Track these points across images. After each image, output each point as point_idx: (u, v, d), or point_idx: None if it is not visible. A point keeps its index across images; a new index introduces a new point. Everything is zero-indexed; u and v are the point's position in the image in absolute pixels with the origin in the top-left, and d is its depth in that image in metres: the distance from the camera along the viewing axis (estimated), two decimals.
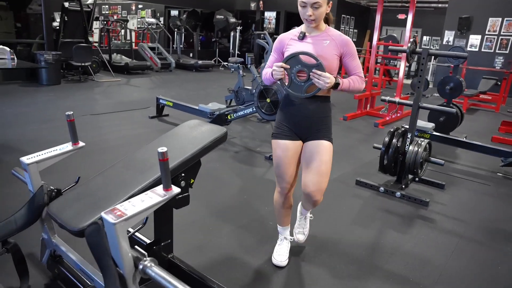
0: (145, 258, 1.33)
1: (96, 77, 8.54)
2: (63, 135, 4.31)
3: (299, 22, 2.04)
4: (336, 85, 1.88)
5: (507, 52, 10.69)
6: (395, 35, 11.24)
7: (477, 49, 11.24)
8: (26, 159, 1.71)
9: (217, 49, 12.67)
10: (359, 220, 2.91)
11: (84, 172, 3.05)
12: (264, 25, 12.78)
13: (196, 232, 2.57)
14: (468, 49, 11.24)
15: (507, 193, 3.68)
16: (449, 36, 11.53)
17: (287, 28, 12.42)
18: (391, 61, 12.02)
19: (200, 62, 11.10)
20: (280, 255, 2.25)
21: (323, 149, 1.98)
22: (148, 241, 1.87)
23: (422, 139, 3.50)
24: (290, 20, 12.57)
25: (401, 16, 14.74)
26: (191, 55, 12.17)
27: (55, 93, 6.78)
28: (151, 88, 8.12)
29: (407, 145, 3.46)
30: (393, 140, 3.49)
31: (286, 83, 1.91)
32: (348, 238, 2.63)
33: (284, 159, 2.04)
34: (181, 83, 8.86)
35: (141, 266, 1.32)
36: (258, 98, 4.18)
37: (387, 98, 3.86)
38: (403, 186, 3.52)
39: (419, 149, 3.40)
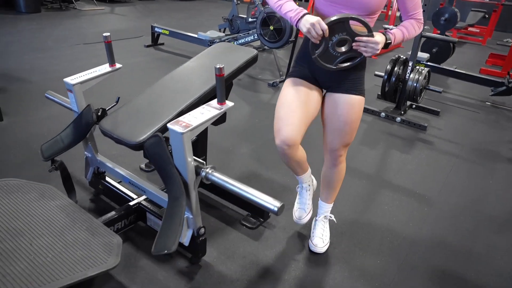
0: (206, 166, 1.48)
1: (78, 5, 8.11)
2: (65, 64, 4.27)
3: None
4: (387, 45, 1.48)
5: None
6: None
7: None
8: (70, 80, 1.76)
9: None
10: (366, 141, 3.13)
11: (110, 95, 3.09)
12: None
13: (218, 152, 2.73)
14: None
15: (495, 119, 3.94)
16: None
17: None
18: None
19: None
20: (299, 208, 1.84)
21: (351, 107, 1.57)
22: None
23: (422, 68, 3.64)
24: None
25: None
26: None
27: (37, 22, 6.46)
28: (138, 17, 7.80)
29: (408, 73, 3.60)
30: (395, 68, 3.62)
31: (317, 51, 1.42)
32: (358, 157, 2.85)
33: (291, 98, 1.54)
34: (168, 12, 8.53)
35: (203, 173, 1.46)
36: (261, 26, 4.15)
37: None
38: (402, 112, 3.72)
39: (420, 77, 3.55)
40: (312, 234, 1.93)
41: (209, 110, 1.50)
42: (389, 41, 1.48)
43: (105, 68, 1.88)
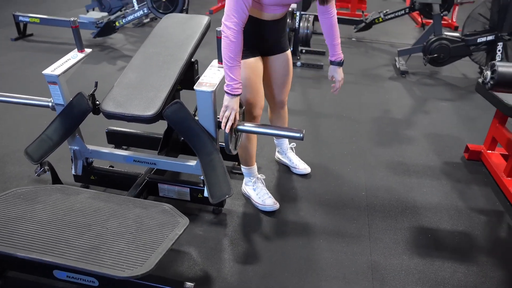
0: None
1: None
2: None
3: None
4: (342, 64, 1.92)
5: None
6: None
7: None
8: (52, 72, 1.70)
9: None
10: None
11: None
12: None
13: None
14: None
15: (364, 50, 4.83)
16: None
17: None
18: None
19: None
20: (269, 197, 2.01)
21: (289, 59, 1.93)
22: None
23: (308, 15, 4.20)
24: None
25: None
26: None
27: None
28: None
29: (297, 22, 4.11)
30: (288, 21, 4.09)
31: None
32: None
33: (256, 79, 1.78)
34: None
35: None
36: None
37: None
38: (298, 57, 4.27)
39: (308, 24, 4.10)
40: (293, 164, 2.32)
41: (218, 70, 1.68)
42: (342, 61, 1.91)
43: (77, 54, 1.84)
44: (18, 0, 7.10)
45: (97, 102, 1.79)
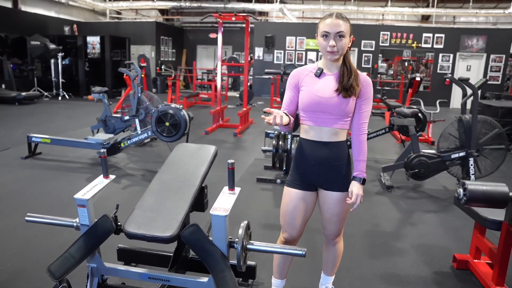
0: (235, 239, 1.88)
1: None
2: None
3: (121, 46, 2.07)
4: (364, 182, 1.90)
5: (303, 63, 13.53)
6: (235, 56, 12.73)
7: (281, 61, 13.82)
8: (82, 196, 1.94)
9: (35, 78, 11.57)
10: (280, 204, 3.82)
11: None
12: (88, 50, 12.36)
13: None
14: (275, 62, 13.72)
15: None
16: (259, 52, 13.75)
17: (115, 52, 12.38)
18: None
19: (23, 93, 10.03)
20: None
21: (340, 203, 1.94)
22: None
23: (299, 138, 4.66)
24: (115, 44, 12.54)
25: (212, 35, 16.48)
26: (3, 86, 10.80)
27: None
28: None
29: (289, 144, 4.55)
30: (280, 142, 4.54)
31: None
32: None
33: (291, 210, 1.97)
34: (16, 119, 7.98)
35: (237, 246, 1.85)
36: (156, 123, 4.60)
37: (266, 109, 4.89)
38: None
39: None
40: None
41: (229, 196, 1.94)
42: (364, 180, 1.89)
43: (103, 180, 2.11)
44: (28, 121, 7.68)
45: (119, 223, 2.00)
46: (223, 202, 1.88)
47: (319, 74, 1.87)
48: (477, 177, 4.30)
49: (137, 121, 5.86)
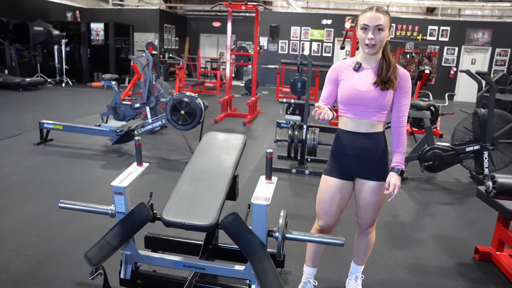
0: (277, 227, 1.89)
1: None
2: None
3: (124, 33, 2.01)
4: (402, 174, 1.90)
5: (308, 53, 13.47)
6: (244, 45, 12.59)
7: (286, 52, 13.74)
8: (119, 183, 1.93)
9: (39, 65, 11.46)
10: (297, 193, 3.84)
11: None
12: (92, 37, 12.24)
13: None
14: (279, 52, 13.65)
15: None
16: (263, 41, 13.66)
17: (116, 40, 12.27)
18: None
19: (27, 79, 9.95)
20: None
21: (375, 192, 1.96)
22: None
23: (314, 128, 4.67)
24: (118, 31, 12.43)
25: (216, 24, 16.39)
26: (6, 72, 10.70)
27: None
28: None
29: (304, 134, 4.55)
30: (295, 132, 4.54)
31: None
32: (296, 208, 3.53)
33: (328, 198, 2.01)
34: (22, 105, 7.93)
35: (277, 234, 1.87)
36: (171, 112, 4.58)
37: (284, 100, 4.89)
38: (306, 166, 4.62)
39: (314, 136, 4.55)
40: None
41: (268, 184, 1.95)
42: (403, 171, 1.89)
43: (137, 168, 2.10)
44: (34, 108, 7.62)
45: (154, 211, 2.00)
46: (263, 191, 1.89)
47: (358, 68, 1.89)
48: (490, 170, 4.33)
49: (147, 108, 5.82)
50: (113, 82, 5.92)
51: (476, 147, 4.27)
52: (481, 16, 14.46)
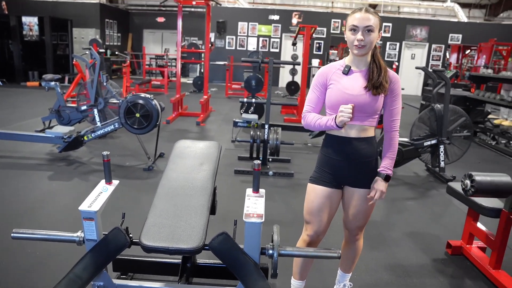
0: (271, 244, 1.75)
1: None
2: None
3: (61, 28, 1.79)
4: (388, 179, 1.86)
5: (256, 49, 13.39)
6: (194, 42, 12.10)
7: (233, 48, 13.56)
8: (89, 208, 1.69)
9: None
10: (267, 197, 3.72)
11: None
12: (24, 32, 11.21)
13: None
14: (227, 47, 13.44)
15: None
16: (211, 37, 13.36)
17: (53, 35, 11.35)
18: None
19: None
20: None
21: (364, 199, 1.90)
22: None
23: (276, 127, 4.57)
24: (55, 27, 11.51)
25: (160, 19, 15.79)
26: None
27: None
28: None
29: (266, 134, 4.44)
30: (257, 133, 4.41)
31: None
32: (268, 214, 3.42)
33: (317, 207, 1.91)
34: None
35: (271, 251, 1.72)
36: (126, 115, 4.25)
37: (245, 99, 4.74)
38: (268, 166, 4.52)
39: (277, 136, 4.45)
40: None
41: (257, 199, 1.79)
42: (389, 176, 1.85)
43: (107, 187, 1.86)
44: None
45: (130, 235, 1.78)
46: (253, 207, 1.74)
47: (347, 71, 1.82)
48: (446, 163, 4.51)
49: (95, 111, 5.42)
50: (53, 83, 5.42)
51: (434, 142, 4.42)
52: (418, 14, 15.27)
